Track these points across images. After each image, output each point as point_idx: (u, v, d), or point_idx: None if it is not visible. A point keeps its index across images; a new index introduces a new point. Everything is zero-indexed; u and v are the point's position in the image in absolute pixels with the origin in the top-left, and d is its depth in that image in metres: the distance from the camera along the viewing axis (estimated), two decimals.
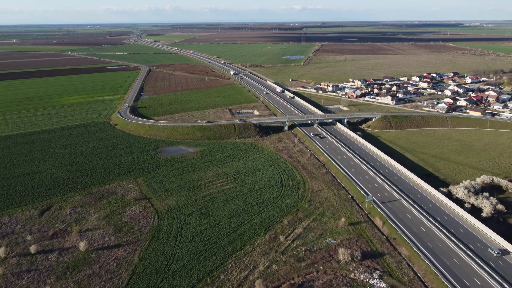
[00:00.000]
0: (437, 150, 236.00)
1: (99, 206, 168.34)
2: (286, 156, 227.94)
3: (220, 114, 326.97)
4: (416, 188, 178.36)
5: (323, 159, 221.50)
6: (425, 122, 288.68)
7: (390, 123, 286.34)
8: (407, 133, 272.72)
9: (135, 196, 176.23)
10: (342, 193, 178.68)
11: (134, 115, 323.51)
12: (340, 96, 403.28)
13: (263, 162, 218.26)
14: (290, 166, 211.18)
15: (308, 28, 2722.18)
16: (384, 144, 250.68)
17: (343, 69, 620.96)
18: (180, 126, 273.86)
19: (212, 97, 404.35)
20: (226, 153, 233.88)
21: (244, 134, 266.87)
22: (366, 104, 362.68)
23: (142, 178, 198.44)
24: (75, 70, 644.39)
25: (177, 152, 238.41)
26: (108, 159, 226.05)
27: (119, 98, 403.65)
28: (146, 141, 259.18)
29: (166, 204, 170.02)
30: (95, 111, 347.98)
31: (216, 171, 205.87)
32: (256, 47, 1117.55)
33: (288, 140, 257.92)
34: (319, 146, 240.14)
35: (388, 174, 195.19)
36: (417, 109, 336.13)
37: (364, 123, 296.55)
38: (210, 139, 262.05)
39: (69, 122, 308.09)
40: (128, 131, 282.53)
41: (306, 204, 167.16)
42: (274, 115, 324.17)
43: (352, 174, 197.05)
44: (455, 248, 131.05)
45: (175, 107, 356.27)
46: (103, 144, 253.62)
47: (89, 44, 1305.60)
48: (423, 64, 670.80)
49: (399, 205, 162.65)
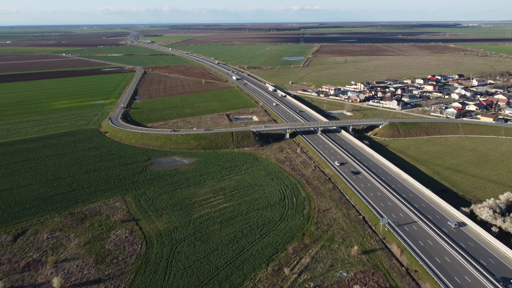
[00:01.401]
0: (451, 161, 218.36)
1: (81, 230, 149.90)
2: (289, 168, 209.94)
3: (217, 120, 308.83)
4: (434, 207, 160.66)
5: (329, 172, 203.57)
6: (435, 129, 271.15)
7: (398, 130, 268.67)
8: (417, 142, 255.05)
9: (121, 217, 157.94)
10: (352, 213, 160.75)
11: (126, 121, 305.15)
12: (343, 100, 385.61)
13: (264, 175, 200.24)
14: (293, 180, 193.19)
15: (306, 29, 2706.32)
16: (394, 154, 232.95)
17: (344, 71, 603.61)
18: (174, 135, 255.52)
19: (209, 101, 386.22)
20: (223, 165, 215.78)
21: (243, 143, 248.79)
22: (371, 109, 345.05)
23: (130, 195, 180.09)
24: (68, 73, 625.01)
25: (170, 164, 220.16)
26: (95, 172, 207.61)
27: (112, 103, 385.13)
28: (138, 151, 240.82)
29: (155, 226, 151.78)
30: (85, 117, 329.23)
31: (212, 186, 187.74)
32: (254, 48, 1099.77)
33: (290, 150, 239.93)
34: (323, 157, 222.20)
35: (402, 190, 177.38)
36: (425, 115, 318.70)
37: (370, 130, 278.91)
38: (206, 149, 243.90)
39: (56, 130, 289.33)
40: (119, 139, 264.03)
41: (312, 227, 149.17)
42: (275, 121, 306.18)
43: (362, 190, 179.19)
44: (488, 285, 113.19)
45: (169, 113, 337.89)
46: (90, 154, 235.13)
47: (85, 45, 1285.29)
48: (425, 66, 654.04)
49: (418, 229, 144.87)
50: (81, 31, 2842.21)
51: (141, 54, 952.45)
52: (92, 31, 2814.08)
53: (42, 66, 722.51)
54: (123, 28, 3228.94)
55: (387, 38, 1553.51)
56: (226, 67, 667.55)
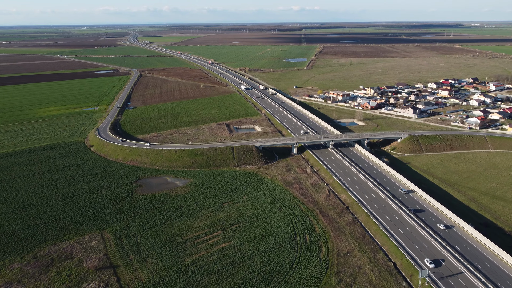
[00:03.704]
0: (486, 184, 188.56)
1: (44, 282, 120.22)
2: (298, 193, 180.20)
3: (215, 131, 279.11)
4: (479, 250, 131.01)
5: (346, 198, 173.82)
6: (461, 143, 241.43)
7: (419, 144, 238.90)
8: (441, 158, 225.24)
9: (96, 263, 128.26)
10: (380, 257, 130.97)
11: (116, 132, 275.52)
12: (352, 107, 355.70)
13: (270, 203, 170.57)
14: (305, 210, 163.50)
15: (307, 29, 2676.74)
16: (418, 174, 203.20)
17: (350, 74, 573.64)
18: (166, 150, 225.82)
19: (207, 108, 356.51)
20: (222, 188, 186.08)
21: (245, 160, 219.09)
22: (384, 118, 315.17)
23: (111, 229, 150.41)
24: (60, 76, 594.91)
25: (161, 187, 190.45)
26: (73, 197, 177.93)
27: (102, 110, 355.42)
28: (125, 170, 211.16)
29: (137, 277, 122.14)
30: (71, 127, 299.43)
31: (209, 218, 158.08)
32: (255, 49, 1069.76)
33: (299, 169, 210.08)
34: (338, 179, 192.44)
35: (432, 223, 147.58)
36: (444, 125, 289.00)
37: (387, 142, 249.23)
38: (203, 167, 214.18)
39: (36, 142, 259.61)
40: (105, 155, 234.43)
41: (333, 279, 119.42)
42: (279, 132, 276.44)
43: (388, 224, 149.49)
44: None
45: (164, 122, 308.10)
46: (71, 174, 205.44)
47: (82, 46, 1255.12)
48: (435, 68, 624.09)
49: (466, 283, 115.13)
50: (80, 31, 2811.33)
51: (138, 55, 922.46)
52: (91, 31, 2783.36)
53: (34, 68, 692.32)
54: (122, 29, 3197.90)
55: (390, 39, 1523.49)
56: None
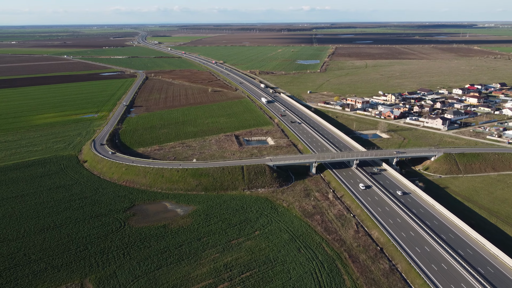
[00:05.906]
0: None
1: None
2: (321, 228, 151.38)
3: (223, 144, 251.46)
4: None
5: (379, 236, 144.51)
6: (505, 163, 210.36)
7: (456, 164, 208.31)
8: (484, 182, 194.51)
9: None
10: None
11: (113, 144, 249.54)
12: (373, 116, 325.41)
13: (287, 241, 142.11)
14: (330, 253, 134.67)
15: (318, 29, 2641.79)
16: (460, 203, 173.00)
17: (367, 78, 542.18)
18: (167, 170, 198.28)
19: (215, 116, 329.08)
20: (230, 220, 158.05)
21: (256, 182, 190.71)
22: (410, 129, 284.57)
23: (93, 278, 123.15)
24: (63, 78, 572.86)
25: (159, 216, 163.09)
26: (55, 230, 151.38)
27: (102, 117, 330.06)
28: (119, 193, 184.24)
29: None
30: (66, 137, 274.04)
31: (214, 262, 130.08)
32: (265, 50, 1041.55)
33: (319, 194, 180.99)
34: (367, 208, 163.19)
35: (496, 279, 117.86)
36: (479, 138, 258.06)
37: (418, 161, 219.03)
38: (208, 190, 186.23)
39: (25, 156, 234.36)
40: (99, 173, 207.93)
41: None
42: (295, 146, 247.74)
43: (435, 276, 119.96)
44: None
45: (167, 132, 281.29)
46: (57, 197, 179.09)
47: (90, 46, 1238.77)
48: (456, 72, 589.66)
49: None
50: (90, 31, 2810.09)
51: (146, 56, 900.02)
52: (101, 31, 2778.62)
53: (38, 69, 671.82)
54: (132, 28, 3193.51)
55: (404, 39, 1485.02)
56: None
